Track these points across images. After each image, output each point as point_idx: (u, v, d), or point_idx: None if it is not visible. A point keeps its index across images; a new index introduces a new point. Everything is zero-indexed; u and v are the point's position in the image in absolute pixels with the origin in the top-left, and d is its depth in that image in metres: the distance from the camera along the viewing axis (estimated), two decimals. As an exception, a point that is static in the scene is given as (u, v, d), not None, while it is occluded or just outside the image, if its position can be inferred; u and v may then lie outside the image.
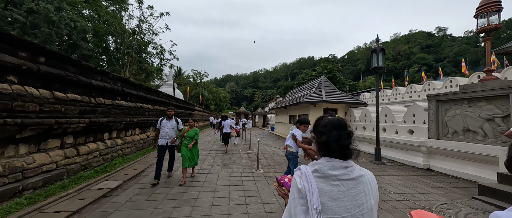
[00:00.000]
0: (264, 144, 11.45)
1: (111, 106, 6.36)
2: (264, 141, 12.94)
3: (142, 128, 8.60)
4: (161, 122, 4.76)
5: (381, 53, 7.18)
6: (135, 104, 8.01)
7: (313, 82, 14.82)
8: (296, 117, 14.70)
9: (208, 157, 7.51)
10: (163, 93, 11.49)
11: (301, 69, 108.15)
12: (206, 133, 18.09)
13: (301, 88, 17.11)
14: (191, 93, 34.88)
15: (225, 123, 9.35)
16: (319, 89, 12.64)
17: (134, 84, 8.18)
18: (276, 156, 7.91)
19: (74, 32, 15.85)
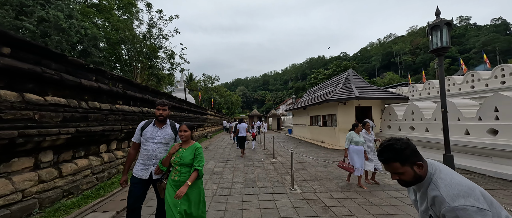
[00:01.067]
0: (288, 151, 9.89)
1: (109, 112, 5.20)
2: (286, 146, 11.38)
3: (149, 136, 7.45)
4: (144, 129, 2.32)
5: (445, 29, 5.44)
6: (140, 109, 6.87)
7: (337, 78, 13.09)
8: (319, 117, 13.01)
9: (226, 170, 6.12)
10: (173, 96, 10.42)
11: (312, 69, 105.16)
12: (220, 138, 16.88)
13: (323, 86, 15.39)
14: (203, 97, 34.20)
15: (240, 126, 8.69)
16: (347, 85, 10.91)
17: (138, 86, 7.08)
18: (309, 167, 6.35)
19: (85, 39, 15.49)
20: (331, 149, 9.79)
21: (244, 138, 8.45)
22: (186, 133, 2.16)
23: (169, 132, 2.42)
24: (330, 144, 11.06)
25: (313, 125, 14.21)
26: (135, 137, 2.40)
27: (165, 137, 2.35)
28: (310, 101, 14.16)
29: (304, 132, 16.10)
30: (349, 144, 4.45)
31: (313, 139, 13.87)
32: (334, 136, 10.73)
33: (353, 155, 4.39)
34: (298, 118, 17.85)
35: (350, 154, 4.42)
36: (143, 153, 2.28)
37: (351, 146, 4.44)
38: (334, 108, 10.80)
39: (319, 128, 12.93)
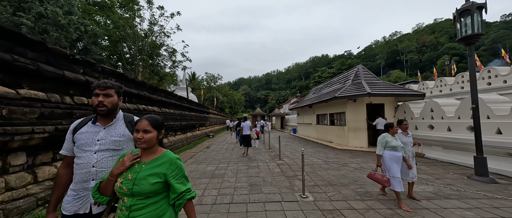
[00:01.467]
0: (295, 151, 9.29)
1: (98, 109, 4.69)
2: (292, 146, 10.77)
3: (146, 135, 6.94)
4: (76, 132, 1.40)
5: (477, 14, 4.76)
6: (136, 107, 6.37)
7: (345, 74, 12.40)
8: (326, 116, 12.35)
9: (227, 172, 5.56)
10: (173, 94, 9.92)
11: (315, 68, 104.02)
12: (223, 137, 16.37)
13: (329, 83, 14.70)
14: (205, 96, 33.77)
15: (244, 124, 8.64)
16: (357, 81, 10.23)
17: (134, 81, 6.57)
18: (319, 169, 5.74)
19: (85, 36, 15.16)
20: (340, 150, 9.14)
21: (248, 136, 8.33)
22: (147, 135, 1.18)
23: (122, 130, 1.45)
24: (339, 144, 10.40)
25: (320, 124, 13.55)
26: (65, 146, 1.42)
27: (114, 139, 1.39)
28: (316, 99, 13.50)
29: (309, 131, 15.46)
30: (383, 149, 3.48)
31: (320, 138, 13.21)
32: (343, 136, 10.07)
33: (391, 163, 3.37)
34: (303, 117, 17.20)
35: (386, 162, 3.41)
36: (76, 172, 1.33)
37: (386, 151, 3.45)
38: (343, 106, 10.14)
39: (326, 127, 12.28)
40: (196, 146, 10.91)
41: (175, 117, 9.51)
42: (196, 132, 13.70)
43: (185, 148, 9.91)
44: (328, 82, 15.44)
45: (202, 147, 10.70)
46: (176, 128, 9.59)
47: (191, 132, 12.53)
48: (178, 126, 9.70)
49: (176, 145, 9.38)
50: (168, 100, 9.03)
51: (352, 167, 5.96)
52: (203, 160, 7.17)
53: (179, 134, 10.39)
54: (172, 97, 10.02)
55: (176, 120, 9.66)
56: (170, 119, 8.91)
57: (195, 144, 11.65)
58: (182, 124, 10.31)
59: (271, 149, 9.72)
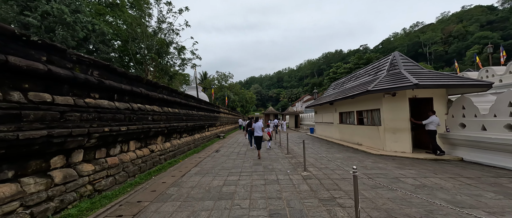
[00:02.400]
0: (320, 157, 7.71)
1: (69, 109, 3.54)
2: (314, 150, 9.16)
3: (141, 140, 5.78)
4: None
5: None
6: (128, 106, 5.20)
7: (376, 65, 10.49)
8: (352, 114, 10.56)
9: (239, 190, 4.18)
10: (177, 91, 8.77)
11: (329, 64, 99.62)
12: (235, 137, 15.13)
13: (354, 77, 12.81)
14: (216, 95, 32.89)
15: (256, 125, 8.01)
16: (394, 71, 8.37)
17: (126, 75, 5.41)
18: (364, 188, 4.15)
19: (93, 35, 14.67)
20: (376, 155, 7.41)
21: (260, 138, 7.80)
22: None
23: None
24: (371, 147, 8.63)
25: (343, 123, 11.76)
26: None
27: None
28: (339, 95, 11.72)
29: (330, 131, 13.67)
30: None
31: (344, 140, 11.44)
32: (378, 138, 8.29)
33: None
34: (322, 115, 15.42)
35: None
36: None
37: None
38: (376, 101, 8.34)
39: (352, 127, 10.49)
40: (204, 149, 9.72)
41: (180, 117, 8.36)
42: (205, 133, 12.56)
43: (192, 152, 8.73)
44: (352, 75, 13.52)
45: (211, 150, 9.48)
46: (181, 130, 8.44)
47: (200, 133, 11.39)
48: (183, 127, 8.54)
49: (181, 149, 8.22)
50: (171, 98, 7.87)
51: (410, 184, 4.30)
52: (209, 170, 5.87)
53: (185, 136, 9.24)
54: (177, 95, 8.87)
55: (181, 121, 8.51)
56: (174, 119, 7.75)
57: (204, 146, 10.47)
58: (189, 125, 9.15)
59: (291, 153, 8.22)
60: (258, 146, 7.66)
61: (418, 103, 7.77)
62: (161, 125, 6.58)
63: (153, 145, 6.27)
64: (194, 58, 21.37)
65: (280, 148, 9.78)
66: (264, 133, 8.01)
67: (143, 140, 5.81)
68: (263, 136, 7.96)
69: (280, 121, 17.01)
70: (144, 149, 5.75)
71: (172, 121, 7.53)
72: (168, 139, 7.45)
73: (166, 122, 7.10)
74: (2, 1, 11.58)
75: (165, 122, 7.00)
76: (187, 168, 6.05)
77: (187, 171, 5.72)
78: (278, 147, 10.14)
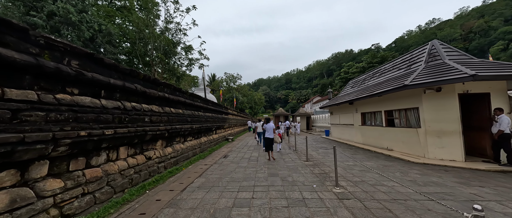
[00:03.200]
0: (346, 165, 6.44)
1: (27, 106, 2.62)
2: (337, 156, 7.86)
3: (136, 146, 4.82)
4: None
5: None
6: (118, 104, 4.28)
7: (408, 57, 9.08)
8: (378, 114, 9.16)
9: (254, 216, 3.06)
10: (181, 90, 7.84)
11: (338, 65, 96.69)
12: (244, 140, 14.07)
13: (377, 72, 11.38)
14: (225, 96, 32.13)
15: (267, 126, 7.63)
16: (435, 62, 6.98)
17: (116, 67, 4.48)
18: (423, 212, 2.89)
19: (99, 35, 14.28)
20: (419, 164, 6.03)
21: (271, 140, 7.39)
22: None
23: None
24: (406, 154, 7.23)
25: (367, 125, 10.34)
26: None
27: None
28: (361, 93, 10.35)
29: (350, 133, 12.25)
30: None
31: (368, 144, 10.02)
32: (416, 142, 6.89)
33: None
34: (339, 116, 14.00)
35: None
36: None
37: None
38: (414, 99, 6.96)
39: (379, 129, 9.08)
40: (211, 154, 8.71)
41: (183, 119, 7.41)
42: (213, 135, 11.59)
43: (197, 157, 7.74)
44: (375, 71, 12.08)
45: (218, 155, 8.46)
46: (185, 133, 7.48)
47: (207, 136, 10.42)
48: (188, 130, 7.58)
49: (185, 155, 7.24)
50: (174, 97, 6.94)
51: (499, 211, 2.98)
52: (216, 182, 4.81)
53: (190, 140, 8.28)
54: (181, 94, 7.95)
55: (186, 122, 7.55)
56: (177, 121, 6.80)
57: (211, 151, 9.47)
58: (194, 127, 8.19)
59: (310, 160, 7.00)
60: (269, 148, 7.32)
61: (474, 99, 6.31)
62: (161, 127, 5.63)
63: (151, 151, 5.31)
64: (202, 58, 20.68)
65: (296, 153, 8.57)
66: (275, 134, 7.70)
67: (137, 145, 4.86)
68: (274, 138, 7.63)
69: (292, 122, 15.75)
70: (139, 156, 4.79)
71: (174, 123, 6.58)
72: (169, 143, 6.50)
73: (168, 123, 6.15)
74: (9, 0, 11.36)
75: (166, 124, 6.05)
76: (189, 179, 5.03)
77: (189, 183, 4.69)
78: (294, 152, 8.93)
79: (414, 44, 75.79)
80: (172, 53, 18.63)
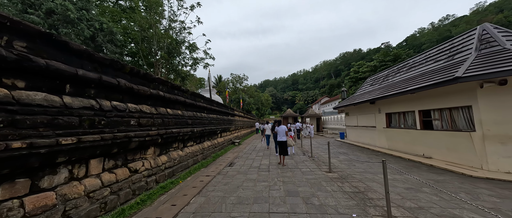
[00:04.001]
0: (378, 178, 5.15)
1: None
2: (365, 165, 6.52)
3: (116, 157, 3.76)
4: None
5: None
6: (92, 103, 3.24)
7: (445, 47, 7.65)
8: (410, 114, 7.76)
9: None
10: (180, 87, 6.80)
11: (347, 64, 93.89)
12: (252, 143, 12.91)
13: (404, 66, 9.94)
14: (231, 98, 31.17)
15: (279, 129, 7.26)
16: (491, 48, 5.58)
17: (90, 56, 3.44)
18: None
19: (100, 34, 13.66)
20: (481, 179, 4.64)
21: (284, 143, 6.87)
22: None
23: None
24: (454, 163, 5.81)
25: (394, 127, 8.92)
26: None
27: None
28: (386, 90, 8.95)
29: (371, 137, 10.82)
30: None
31: (396, 149, 8.59)
32: (468, 149, 5.47)
33: None
34: (356, 117, 12.57)
35: None
36: None
37: None
38: (464, 95, 5.56)
39: (412, 133, 7.65)
40: (215, 161, 7.60)
41: (183, 121, 6.34)
42: (218, 139, 10.50)
43: (198, 166, 6.64)
44: (400, 66, 10.62)
45: (223, 162, 7.33)
46: (184, 137, 6.41)
47: (210, 140, 9.34)
48: (188, 134, 6.51)
49: (184, 163, 6.15)
50: (171, 96, 5.90)
51: None
52: (218, 204, 3.66)
53: (191, 145, 7.21)
54: (181, 93, 6.91)
55: (185, 125, 6.49)
56: (174, 123, 5.74)
57: (215, 157, 8.37)
58: (196, 131, 7.12)
59: (335, 172, 5.72)
60: (282, 152, 6.79)
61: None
62: (153, 131, 4.56)
63: (138, 162, 4.24)
64: (207, 57, 19.76)
65: (313, 161, 7.31)
66: (288, 137, 7.13)
67: (119, 156, 3.80)
68: (288, 141, 7.11)
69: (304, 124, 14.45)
70: (120, 170, 3.72)
71: (171, 126, 5.52)
72: (164, 150, 5.44)
73: (162, 127, 5.09)
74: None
75: (160, 127, 4.99)
76: (185, 198, 3.91)
77: (184, 206, 3.57)
78: (310, 159, 7.67)
79: (427, 42, 72.38)
80: (176, 52, 17.83)
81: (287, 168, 6.25)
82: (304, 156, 8.47)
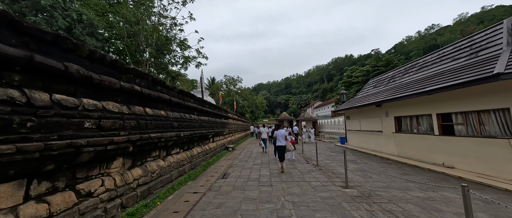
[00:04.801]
0: (408, 194, 4.15)
1: None
2: (380, 177, 5.54)
3: (52, 178, 2.53)
4: None
5: None
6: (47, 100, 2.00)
7: (465, 44, 6.97)
8: (425, 118, 6.97)
9: None
10: (164, 83, 5.59)
11: (339, 69, 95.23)
12: (247, 148, 11.76)
13: (413, 67, 9.26)
14: (224, 100, 29.92)
15: (278, 133, 6.63)
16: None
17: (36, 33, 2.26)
18: None
19: (79, 26, 12.16)
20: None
21: (283, 148, 6.53)
22: None
23: None
24: (488, 176, 5.00)
25: (406, 132, 8.11)
26: None
27: None
28: (396, 91, 8.18)
29: (376, 142, 10.00)
30: None
31: (408, 156, 7.76)
32: (505, 159, 4.64)
33: None
34: (359, 121, 11.77)
35: None
36: None
37: None
38: (499, 96, 4.77)
39: (429, 139, 6.83)
40: (206, 171, 6.39)
41: (167, 123, 5.13)
42: (209, 144, 9.29)
43: (185, 178, 5.41)
44: (408, 66, 9.94)
45: (215, 173, 6.14)
46: (168, 143, 5.18)
47: (201, 146, 8.12)
48: (173, 139, 5.29)
49: (167, 176, 4.90)
50: (151, 92, 4.70)
51: None
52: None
53: (177, 153, 5.97)
54: (165, 89, 5.71)
55: (171, 129, 5.27)
56: (154, 126, 4.52)
57: (206, 165, 7.15)
58: (183, 135, 5.91)
59: (353, 186, 4.69)
60: (281, 157, 6.43)
61: None
62: (120, 136, 3.36)
63: (95, 181, 3.01)
64: (200, 56, 18.52)
65: (321, 171, 6.27)
66: (287, 142, 6.76)
67: (59, 175, 2.57)
68: (287, 146, 6.73)
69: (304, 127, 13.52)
70: (59, 196, 2.48)
71: (149, 130, 4.30)
72: (139, 161, 4.21)
73: (136, 131, 3.87)
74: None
75: (133, 132, 3.78)
76: (159, 235, 2.71)
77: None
78: (315, 168, 6.64)
79: (415, 50, 74.88)
80: (165, 49, 16.49)
81: (293, 181, 5.17)
82: (308, 164, 7.43)
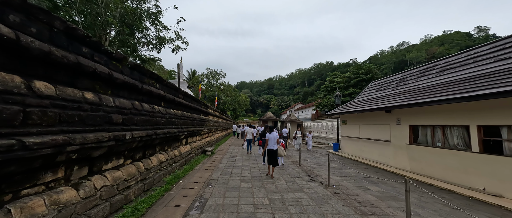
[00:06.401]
0: None
1: None
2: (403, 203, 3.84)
3: None
4: None
5: None
6: None
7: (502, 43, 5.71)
8: (456, 130, 5.58)
9: None
10: (88, 37, 3.09)
11: (319, 75, 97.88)
12: (229, 151, 9.48)
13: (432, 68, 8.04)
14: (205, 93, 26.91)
15: (270, 136, 5.93)
16: None
17: None
18: None
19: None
20: None
21: (275, 152, 5.75)
22: None
23: None
24: None
25: (424, 145, 6.74)
26: None
27: None
28: (415, 95, 6.77)
29: (381, 153, 8.62)
30: None
31: (427, 174, 6.38)
32: None
33: None
34: (359, 127, 10.39)
35: None
36: None
37: None
38: None
39: (463, 156, 5.45)
40: (169, 194, 3.98)
41: (105, 118, 2.62)
42: (181, 148, 6.77)
43: (139, 205, 2.95)
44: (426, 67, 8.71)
45: (183, 202, 3.78)
46: (96, 153, 2.68)
47: (166, 151, 5.61)
48: (104, 146, 2.79)
49: (102, 207, 2.42)
50: (59, 53, 2.16)
51: None
52: None
53: (125, 164, 3.46)
54: (98, 54, 3.16)
55: (103, 126, 2.76)
56: (51, 123, 2.00)
57: (173, 180, 4.71)
58: (131, 138, 3.41)
59: None
60: (272, 162, 5.66)
61: None
62: None
63: None
64: (179, 41, 15.46)
65: (340, 198, 4.39)
66: (279, 146, 6.18)
67: None
68: (279, 150, 6.10)
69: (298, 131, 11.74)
70: None
71: (33, 129, 1.79)
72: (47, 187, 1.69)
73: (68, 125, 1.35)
74: None
75: None
76: None
77: None
78: (334, 194, 4.75)
79: (387, 62, 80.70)
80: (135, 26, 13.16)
81: None
82: (314, 182, 5.50)
